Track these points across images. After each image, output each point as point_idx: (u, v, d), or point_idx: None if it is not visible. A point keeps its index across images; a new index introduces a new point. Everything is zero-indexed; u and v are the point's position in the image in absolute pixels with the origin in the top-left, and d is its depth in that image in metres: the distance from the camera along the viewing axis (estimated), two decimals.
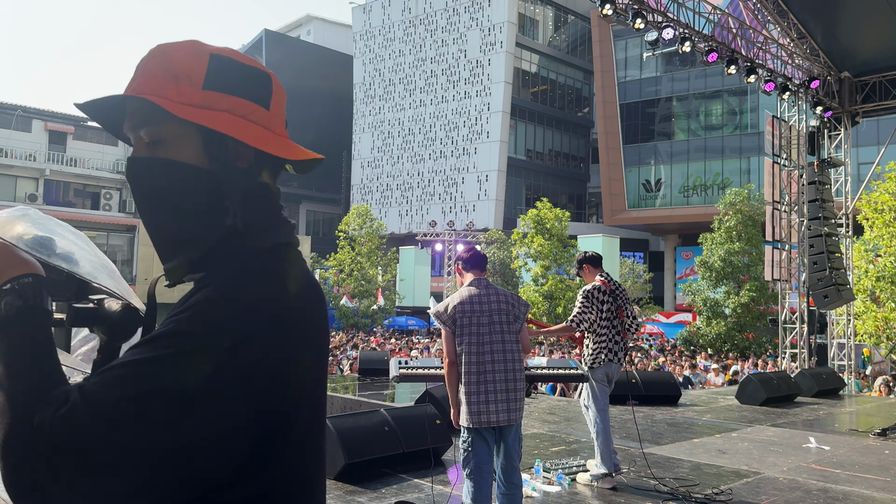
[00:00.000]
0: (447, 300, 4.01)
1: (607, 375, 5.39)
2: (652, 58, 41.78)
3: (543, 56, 50.70)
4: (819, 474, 5.88)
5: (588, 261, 5.67)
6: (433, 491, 5.00)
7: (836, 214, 14.54)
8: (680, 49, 11.88)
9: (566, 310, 29.04)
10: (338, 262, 38.29)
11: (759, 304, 25.26)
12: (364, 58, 54.22)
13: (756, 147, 37.00)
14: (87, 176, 36.92)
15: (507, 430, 3.83)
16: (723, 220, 26.41)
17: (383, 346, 22.65)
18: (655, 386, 9.99)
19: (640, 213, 42.15)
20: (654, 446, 6.90)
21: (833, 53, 14.56)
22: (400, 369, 5.06)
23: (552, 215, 30.97)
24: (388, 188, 51.74)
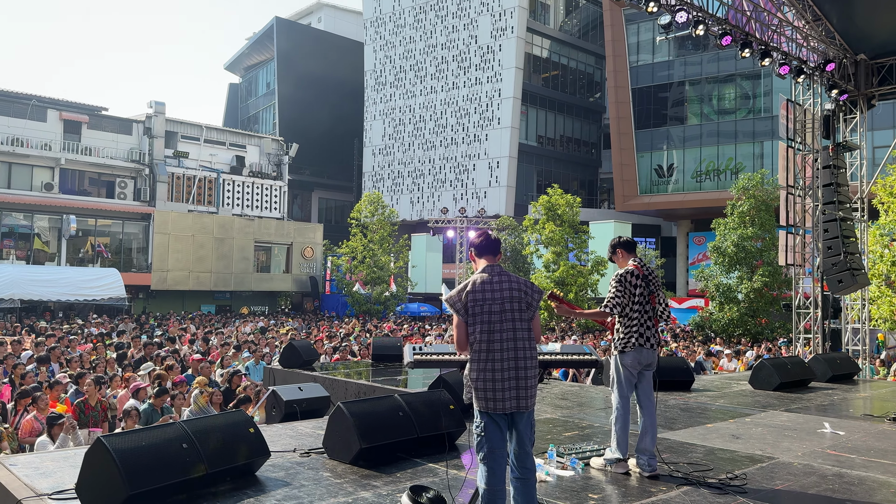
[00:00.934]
0: (459, 286, 4.02)
1: (638, 361, 5.32)
2: (664, 42, 41.38)
3: (555, 41, 50.33)
4: (834, 459, 5.89)
5: (622, 245, 5.63)
6: (447, 475, 5.05)
7: (851, 198, 14.41)
8: (693, 32, 11.76)
9: (577, 296, 29.02)
10: (350, 250, 38.41)
11: (772, 290, 25.12)
12: (375, 45, 54.06)
13: (769, 131, 36.66)
14: (102, 164, 37.13)
15: (518, 415, 3.85)
16: (736, 205, 26.23)
17: (396, 332, 22.75)
18: (668, 371, 9.98)
19: (652, 199, 41.93)
20: (667, 431, 6.92)
21: (849, 35, 14.36)
22: (414, 355, 5.11)
23: (563, 201, 30.87)
24: (399, 175, 51.73)
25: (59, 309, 31.51)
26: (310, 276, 42.66)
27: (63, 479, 4.66)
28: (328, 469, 5.24)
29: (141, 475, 4.08)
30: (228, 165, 42.48)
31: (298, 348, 10.83)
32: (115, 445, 4.12)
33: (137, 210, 37.34)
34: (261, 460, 4.99)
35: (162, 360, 12.22)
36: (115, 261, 35.83)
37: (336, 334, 20.39)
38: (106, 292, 31.00)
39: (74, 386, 9.53)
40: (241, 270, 39.23)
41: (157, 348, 14.13)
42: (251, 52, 63.41)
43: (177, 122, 41.22)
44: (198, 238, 37.50)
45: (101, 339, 16.88)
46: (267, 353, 14.68)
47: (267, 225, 41.23)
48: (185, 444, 4.43)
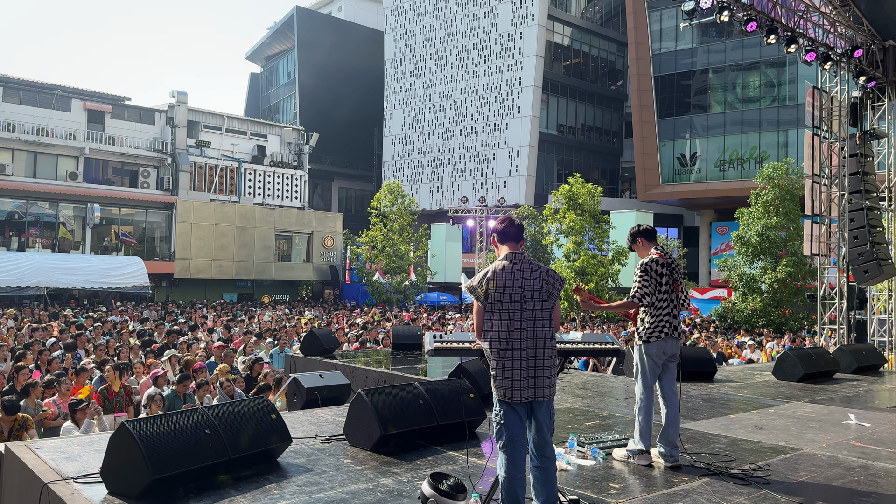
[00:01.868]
0: (480, 273, 3.99)
1: (664, 351, 5.23)
2: (687, 29, 40.81)
3: (576, 28, 49.88)
4: (860, 451, 5.80)
5: (642, 234, 5.53)
6: (468, 463, 5.05)
7: (878, 188, 14.16)
8: (718, 19, 11.58)
9: (598, 286, 28.87)
10: (370, 239, 38.53)
11: (796, 280, 24.82)
12: (395, 33, 53.94)
13: (794, 120, 36.09)
14: (126, 154, 37.53)
15: (537, 404, 3.81)
16: (760, 195, 25.90)
17: (416, 321, 22.80)
18: (691, 361, 9.89)
19: (674, 188, 41.52)
20: (689, 422, 6.87)
21: (877, 21, 14.06)
22: (434, 343, 5.09)
23: (584, 190, 30.68)
24: (419, 164, 51.70)
25: (83, 297, 31.97)
26: (330, 265, 42.87)
27: (88, 463, 4.72)
28: (349, 456, 5.26)
29: (164, 460, 4.13)
30: (250, 155, 42.74)
31: (319, 336, 10.90)
32: (139, 431, 4.17)
33: (160, 199, 37.72)
34: (282, 446, 5.03)
35: (188, 347, 12.36)
36: (138, 249, 36.27)
37: (355, 323, 20.48)
38: (130, 280, 31.41)
39: (99, 372, 9.67)
40: (262, 259, 39.54)
41: (178, 336, 14.28)
42: (272, 41, 63.59)
43: (199, 111, 41.50)
44: (220, 227, 37.82)
45: (115, 327, 17.10)
46: (288, 340, 14.78)
47: (288, 214, 41.47)
48: (208, 430, 4.47)
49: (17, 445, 5.20)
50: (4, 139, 33.87)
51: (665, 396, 5.32)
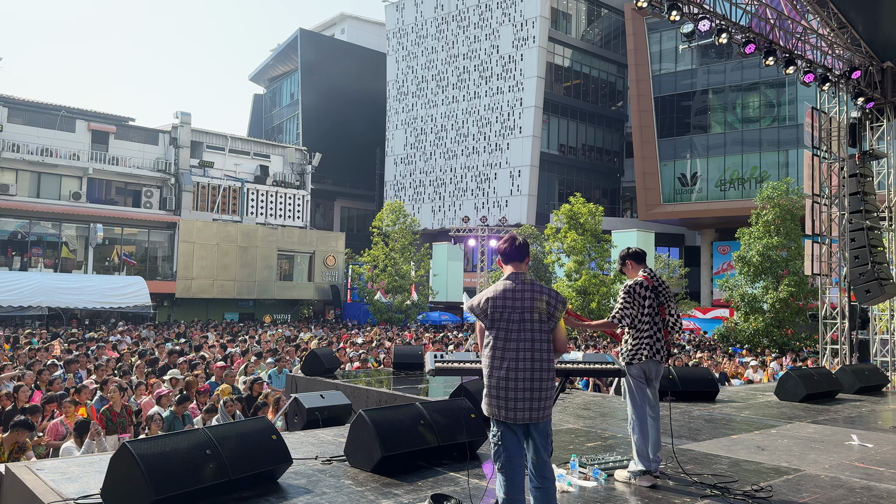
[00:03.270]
0: (482, 293, 4.00)
1: (645, 372, 5.31)
2: (687, 50, 41.15)
3: (576, 50, 50.28)
4: (862, 472, 5.78)
5: (631, 256, 5.60)
6: (469, 484, 5.04)
7: (878, 207, 14.20)
8: (717, 41, 11.69)
9: (600, 306, 28.82)
10: (372, 258, 38.56)
11: (798, 300, 24.77)
12: (397, 55, 54.40)
13: (794, 140, 36.24)
14: (129, 174, 37.73)
15: (533, 425, 3.80)
16: (761, 214, 25.93)
17: (418, 340, 22.75)
18: (693, 382, 9.88)
19: (675, 208, 41.59)
20: (691, 442, 6.85)
21: (875, 43, 14.19)
22: (436, 363, 5.10)
23: (586, 210, 30.75)
24: (421, 184, 51.88)
25: (85, 316, 31.97)
26: (332, 285, 42.87)
27: (89, 483, 4.72)
28: (349, 477, 5.25)
29: (165, 481, 4.12)
30: (252, 175, 42.93)
31: (320, 356, 10.89)
32: (140, 451, 4.17)
33: (163, 219, 37.84)
34: (283, 467, 5.02)
35: (191, 368, 12.33)
36: (140, 269, 36.32)
37: (356, 343, 20.43)
38: (131, 300, 31.42)
39: (100, 392, 9.65)
40: (264, 278, 39.55)
41: (178, 356, 14.26)
42: (275, 63, 64.15)
43: (202, 132, 41.78)
44: (222, 246, 37.90)
45: (114, 347, 17.10)
46: (289, 360, 14.75)
47: (290, 233, 41.55)
48: (209, 451, 4.47)
49: (17, 466, 5.20)
50: (9, 159, 34.08)
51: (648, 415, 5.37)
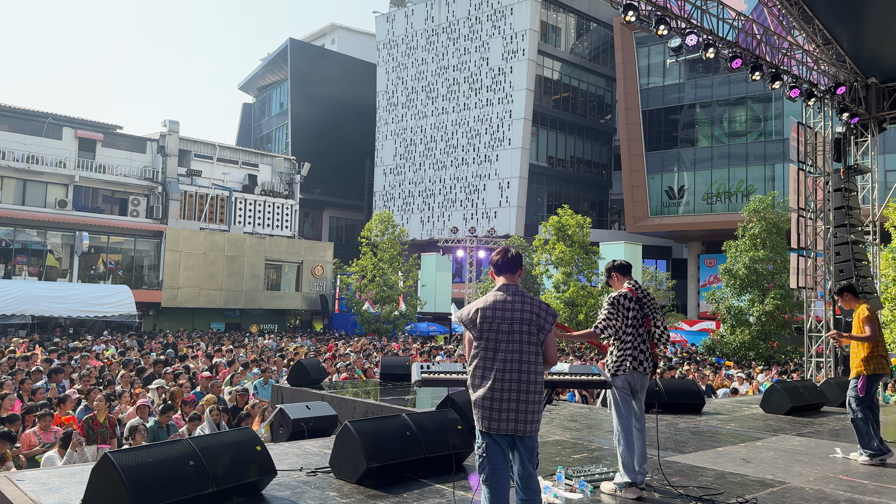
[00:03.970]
0: (471, 304, 3.99)
1: (630, 384, 5.33)
2: (675, 64, 41.54)
3: (565, 63, 50.63)
4: (847, 485, 5.80)
5: (617, 269, 5.64)
6: (454, 496, 5.01)
7: (862, 222, 14.34)
8: (704, 55, 11.81)
9: (588, 317, 28.88)
10: (360, 268, 38.48)
11: (783, 313, 24.94)
12: (387, 66, 54.55)
13: (780, 154, 36.60)
14: (116, 182, 37.50)
15: (518, 438, 3.78)
16: (747, 228, 26.13)
17: (406, 351, 22.69)
18: (679, 394, 9.91)
19: (663, 220, 41.84)
20: (677, 454, 6.85)
21: (860, 59, 14.38)
22: (422, 374, 5.09)
23: (574, 222, 30.86)
24: (410, 195, 51.92)
25: (69, 325, 31.66)
26: (320, 295, 42.72)
27: (70, 495, 4.66)
28: (334, 489, 5.21)
29: (147, 492, 4.08)
30: (241, 184, 42.80)
31: (307, 366, 10.83)
32: (122, 462, 4.12)
33: (149, 227, 37.62)
34: (267, 479, 4.98)
35: (175, 378, 12.23)
36: (126, 278, 36.04)
37: (344, 354, 20.35)
38: (117, 309, 31.16)
39: (84, 402, 9.55)
40: (251, 288, 39.36)
41: (164, 366, 14.14)
42: (265, 72, 64.16)
43: (190, 140, 41.64)
44: (209, 256, 37.70)
45: (97, 357, 16.92)
46: (275, 371, 14.66)
47: (278, 243, 41.41)
48: (192, 462, 4.42)
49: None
50: None
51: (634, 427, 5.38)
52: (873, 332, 6.69)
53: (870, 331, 6.69)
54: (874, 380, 6.75)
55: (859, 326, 6.82)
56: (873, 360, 6.72)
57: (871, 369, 6.72)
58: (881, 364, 6.72)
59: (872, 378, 6.73)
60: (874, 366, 6.72)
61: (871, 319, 6.74)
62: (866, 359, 6.74)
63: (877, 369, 6.72)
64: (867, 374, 6.73)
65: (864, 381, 6.73)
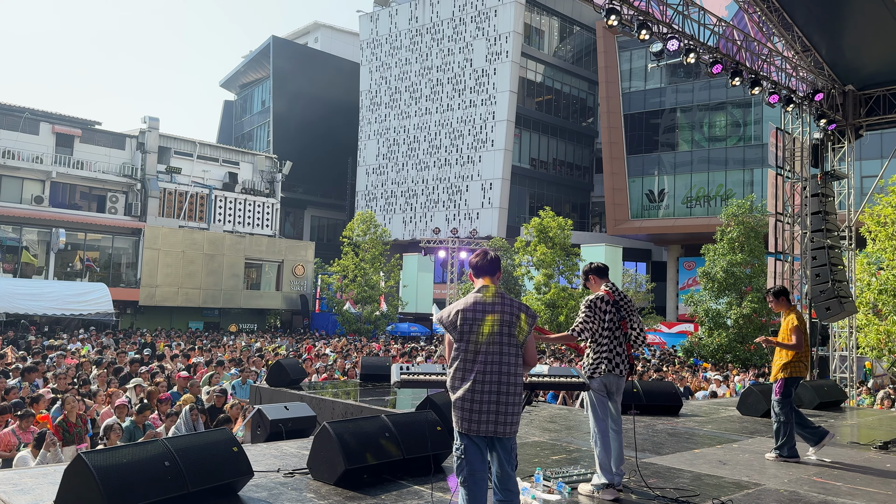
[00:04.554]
0: (452, 305, 3.98)
1: (606, 386, 5.36)
2: (656, 69, 41.87)
3: (549, 66, 50.84)
4: (820, 486, 5.88)
5: (594, 272, 5.68)
6: (433, 498, 5.01)
7: (839, 227, 14.53)
8: (685, 60, 11.91)
9: (568, 318, 29.02)
10: (341, 268, 38.35)
11: (761, 316, 25.21)
12: (371, 65, 54.44)
13: (759, 159, 37.03)
14: (94, 179, 37.05)
15: (497, 440, 3.78)
16: (725, 232, 26.39)
17: (386, 352, 22.64)
18: (657, 396, 9.98)
19: (643, 223, 42.15)
20: (654, 456, 6.90)
21: (837, 66, 14.59)
22: (401, 375, 5.07)
23: (555, 224, 30.98)
24: (392, 195, 51.85)
25: (44, 323, 31.23)
26: (300, 294, 42.51)
27: (42, 495, 4.59)
28: (312, 490, 5.18)
29: (121, 493, 4.03)
30: (221, 182, 42.48)
31: (286, 367, 10.76)
32: (95, 462, 4.07)
33: (128, 225, 37.21)
34: (244, 480, 4.94)
35: (152, 377, 12.11)
36: (103, 275, 35.61)
37: (325, 354, 20.26)
38: (93, 307, 30.77)
39: (59, 401, 9.41)
40: (230, 287, 39.07)
41: (140, 365, 14.01)
42: (247, 69, 63.73)
43: (170, 137, 41.26)
44: (188, 254, 37.37)
45: (72, 354, 16.71)
46: (254, 371, 14.57)
47: (258, 242, 41.14)
48: (168, 462, 4.38)
49: None
50: None
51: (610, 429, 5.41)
52: (799, 341, 6.95)
53: (796, 340, 6.95)
54: (791, 382, 7.03)
55: (787, 334, 7.06)
56: (792, 364, 7.02)
57: (789, 372, 7.01)
58: (798, 368, 7.03)
59: (790, 381, 7.02)
60: (792, 370, 7.01)
61: (799, 329, 6.99)
62: (786, 364, 7.03)
63: (794, 373, 7.02)
64: (785, 377, 7.01)
65: (781, 383, 7.02)
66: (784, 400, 6.96)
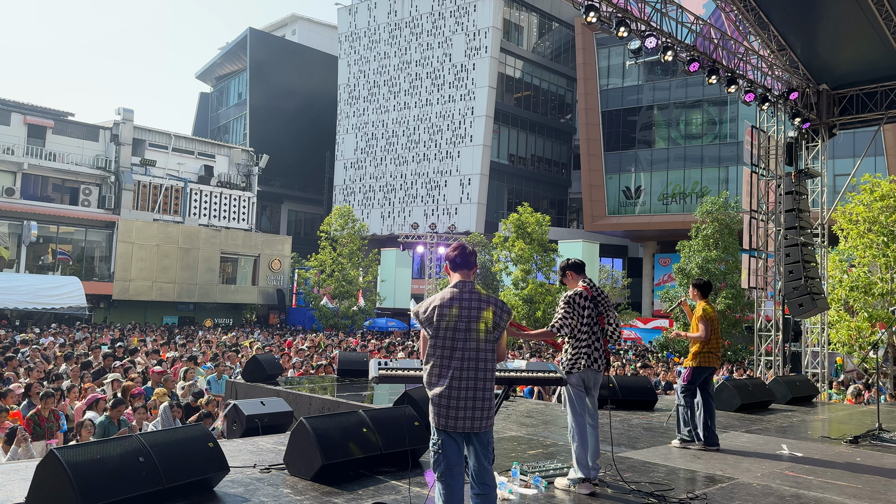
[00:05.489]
0: (428, 301, 3.96)
1: (584, 381, 5.41)
2: (634, 66, 42.12)
3: (527, 62, 50.93)
4: (792, 480, 5.97)
5: (571, 267, 5.72)
6: (410, 492, 5.00)
7: (811, 224, 14.75)
8: (662, 58, 11.99)
9: (546, 314, 29.16)
10: (319, 263, 38.14)
11: (735, 312, 25.54)
12: (349, 59, 54.13)
13: (735, 157, 37.43)
14: (67, 171, 36.45)
15: (474, 434, 3.79)
16: (700, 228, 26.67)
17: (364, 348, 22.56)
18: (632, 391, 10.07)
19: (619, 220, 42.44)
20: (630, 450, 6.96)
21: (812, 66, 14.79)
22: (379, 370, 5.06)
23: (533, 220, 31.08)
24: (370, 189, 51.67)
25: (16, 317, 30.69)
26: (277, 289, 42.22)
27: (13, 492, 4.51)
28: (288, 485, 5.15)
29: (95, 489, 3.97)
30: (196, 175, 42.00)
31: (262, 362, 10.68)
32: (68, 458, 4.01)
33: (101, 218, 36.66)
34: (219, 475, 4.89)
35: (125, 372, 11.96)
36: (76, 269, 35.08)
37: (301, 349, 20.14)
38: (66, 301, 30.31)
39: (28, 397, 9.27)
40: (205, 282, 38.68)
41: (113, 360, 13.82)
42: (223, 61, 63.03)
43: (145, 129, 40.70)
44: (162, 248, 36.92)
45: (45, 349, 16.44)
46: (229, 366, 14.45)
47: (234, 236, 40.77)
48: (142, 458, 4.33)
49: None
50: None
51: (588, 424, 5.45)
52: (706, 332, 7.12)
53: (702, 330, 7.13)
54: (699, 371, 7.20)
55: (695, 325, 7.25)
56: (702, 354, 7.19)
57: (698, 362, 7.19)
58: (708, 359, 7.19)
59: (698, 370, 7.19)
60: (701, 360, 7.18)
61: (706, 319, 7.17)
62: (696, 353, 7.20)
63: (703, 363, 7.18)
64: (694, 366, 7.19)
65: (689, 372, 7.22)
66: (689, 387, 7.15)
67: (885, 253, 17.71)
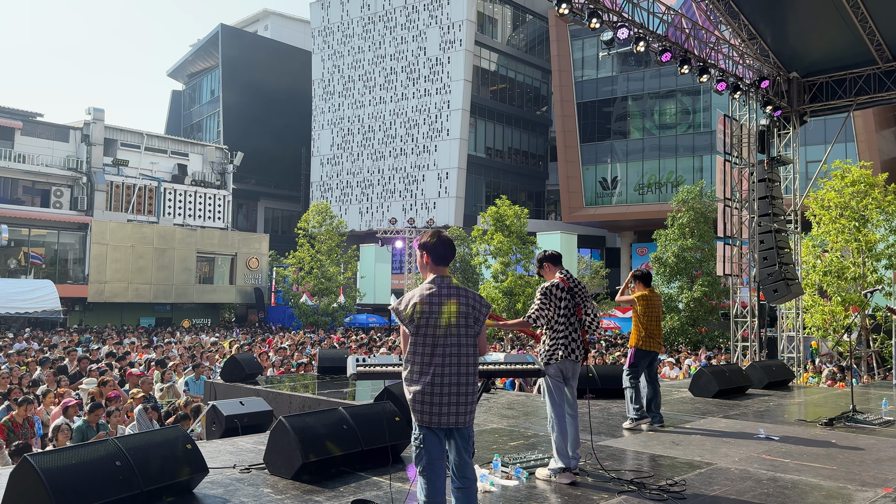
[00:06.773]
0: (407, 296, 3.93)
1: (562, 372, 5.45)
2: (608, 57, 42.32)
3: (502, 55, 50.94)
4: (769, 464, 6.05)
5: (548, 259, 5.75)
6: (391, 488, 5.00)
7: (785, 211, 14.95)
8: (634, 49, 12.06)
9: (525, 306, 29.24)
10: (297, 260, 37.92)
11: (711, 299, 25.82)
12: (323, 54, 53.76)
13: (709, 146, 37.80)
14: (37, 172, 35.84)
15: (456, 429, 3.79)
16: (676, 217, 26.90)
17: (344, 344, 22.49)
18: (612, 379, 10.14)
19: (597, 211, 42.70)
20: (610, 439, 7.02)
21: (782, 54, 14.95)
22: (357, 367, 5.04)
23: (511, 212, 31.12)
24: (348, 185, 51.44)
25: None
26: (255, 288, 41.92)
27: None
28: (269, 485, 5.12)
29: (70, 495, 3.92)
30: (170, 174, 41.52)
31: (241, 361, 10.60)
32: (42, 464, 3.94)
33: (74, 219, 36.12)
34: (198, 477, 4.85)
35: (100, 375, 11.81)
36: (49, 272, 34.54)
37: (283, 347, 20.03)
38: (40, 305, 29.84)
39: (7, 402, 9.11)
40: (182, 282, 38.30)
41: (89, 363, 13.65)
42: (195, 58, 62.29)
43: (116, 129, 40.12)
44: (137, 249, 36.48)
45: (19, 354, 16.21)
46: (207, 367, 14.33)
47: (210, 235, 40.38)
48: (119, 462, 4.27)
49: None
50: None
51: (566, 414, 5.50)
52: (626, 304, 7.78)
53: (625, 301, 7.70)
54: (640, 354, 7.54)
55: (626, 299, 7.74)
56: (642, 339, 7.53)
57: (640, 345, 7.53)
58: (648, 343, 7.52)
59: (640, 352, 7.54)
60: (641, 343, 7.53)
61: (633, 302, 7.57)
62: (637, 336, 7.57)
63: (643, 346, 7.52)
64: (636, 347, 7.55)
65: (632, 353, 7.57)
66: (631, 369, 7.47)
67: (856, 237, 18.02)
